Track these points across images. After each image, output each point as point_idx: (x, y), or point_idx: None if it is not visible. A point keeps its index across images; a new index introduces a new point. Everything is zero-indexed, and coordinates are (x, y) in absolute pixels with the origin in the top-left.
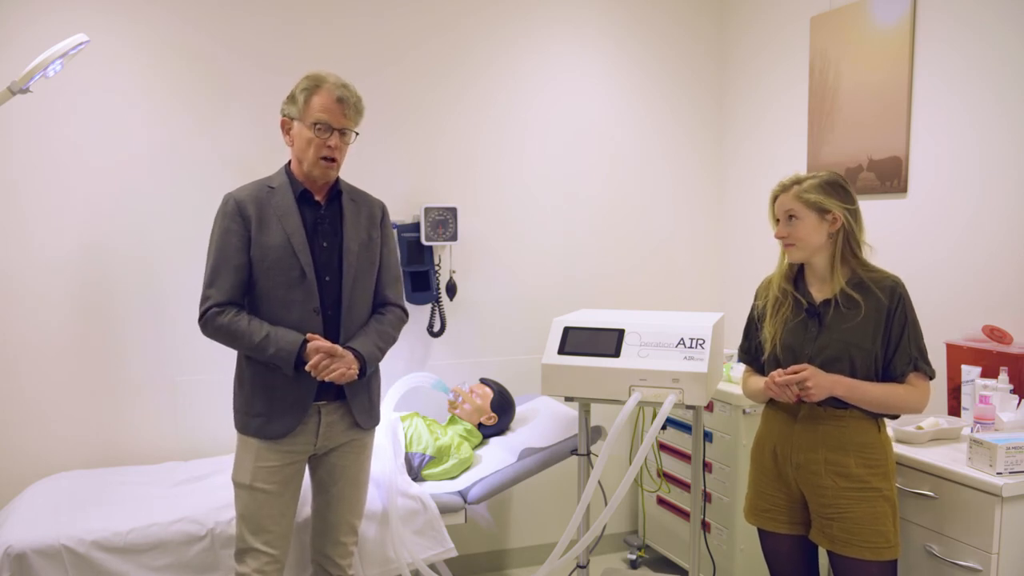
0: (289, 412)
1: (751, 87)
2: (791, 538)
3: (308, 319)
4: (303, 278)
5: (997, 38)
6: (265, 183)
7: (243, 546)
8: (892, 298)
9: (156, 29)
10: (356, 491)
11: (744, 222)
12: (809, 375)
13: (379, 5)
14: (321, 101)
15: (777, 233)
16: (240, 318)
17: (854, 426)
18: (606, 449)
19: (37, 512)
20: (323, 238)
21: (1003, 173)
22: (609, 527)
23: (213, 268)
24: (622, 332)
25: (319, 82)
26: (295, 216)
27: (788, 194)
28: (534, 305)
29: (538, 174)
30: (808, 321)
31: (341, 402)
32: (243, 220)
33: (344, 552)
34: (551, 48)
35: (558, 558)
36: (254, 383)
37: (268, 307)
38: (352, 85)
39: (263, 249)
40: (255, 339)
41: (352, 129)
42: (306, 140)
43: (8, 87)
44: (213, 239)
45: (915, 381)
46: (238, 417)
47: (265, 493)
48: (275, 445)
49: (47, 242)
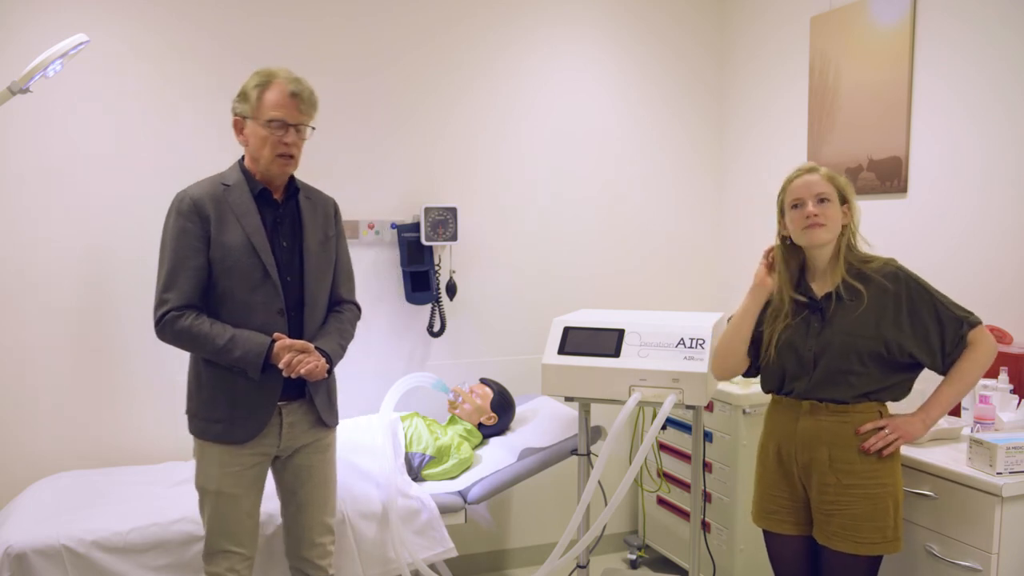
0: (252, 416)
1: (751, 87)
2: (797, 539)
3: (272, 321)
4: (266, 279)
5: (997, 38)
6: (219, 180)
7: (213, 548)
8: (897, 282)
9: (157, 29)
10: (326, 490)
11: (744, 222)
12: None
13: (379, 5)
14: (274, 97)
15: (809, 211)
16: (201, 321)
17: (859, 419)
18: (606, 449)
19: (37, 512)
20: (283, 237)
21: (1003, 173)
22: (609, 527)
23: (170, 270)
24: (622, 332)
25: (270, 77)
26: (254, 215)
27: (818, 175)
28: (534, 305)
29: (538, 174)
30: (810, 317)
31: (301, 401)
32: (201, 219)
33: (323, 552)
34: (551, 48)
35: (558, 558)
36: (214, 387)
37: (230, 309)
38: (305, 79)
39: (223, 249)
40: (219, 343)
41: (308, 124)
42: (261, 138)
43: (8, 87)
44: (167, 239)
45: (974, 337)
46: (196, 423)
47: (233, 496)
48: (239, 448)
49: (48, 243)
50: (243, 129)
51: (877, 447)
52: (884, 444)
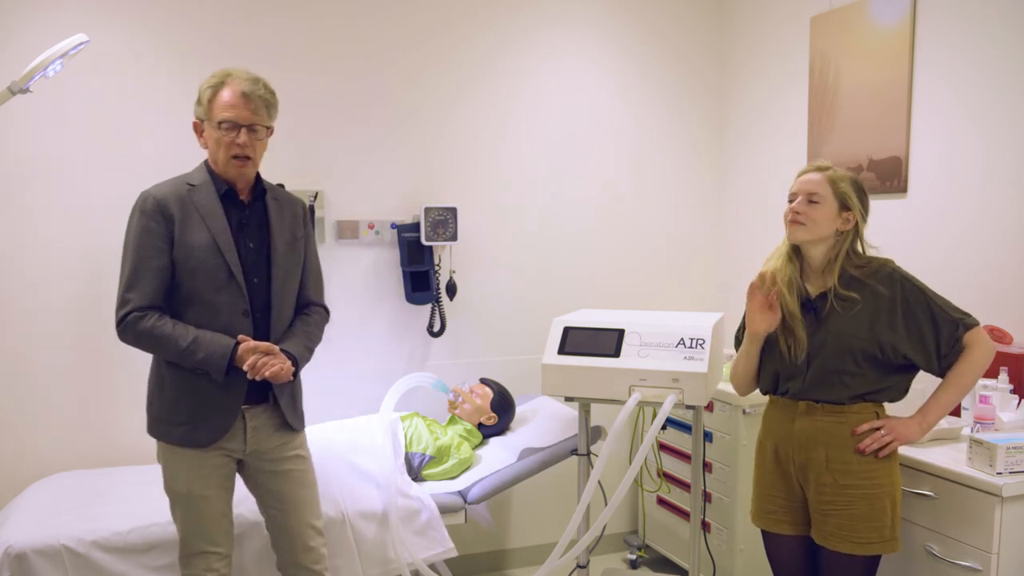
0: (215, 418)
1: (751, 87)
2: (795, 539)
3: (237, 322)
4: (231, 279)
5: (997, 38)
6: (184, 180)
7: (189, 551)
8: (892, 285)
9: (157, 29)
10: (309, 493)
11: (744, 222)
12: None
13: (379, 5)
14: (225, 98)
15: (793, 207)
16: (163, 323)
17: (854, 420)
18: (606, 449)
19: (37, 512)
20: (249, 238)
21: (1003, 173)
22: (609, 527)
23: (132, 270)
24: (622, 332)
25: (223, 79)
26: (220, 215)
27: (821, 175)
28: (534, 305)
29: (538, 174)
30: (805, 315)
31: (265, 405)
32: (165, 219)
33: (317, 556)
34: (551, 48)
35: (558, 558)
36: (177, 389)
37: (194, 311)
38: (263, 79)
39: (187, 250)
40: (181, 344)
41: (263, 124)
42: (215, 140)
43: (8, 87)
44: (130, 239)
45: (971, 339)
46: (158, 425)
47: (205, 498)
48: (203, 451)
49: (48, 243)
50: (202, 132)
51: (872, 448)
52: (879, 446)
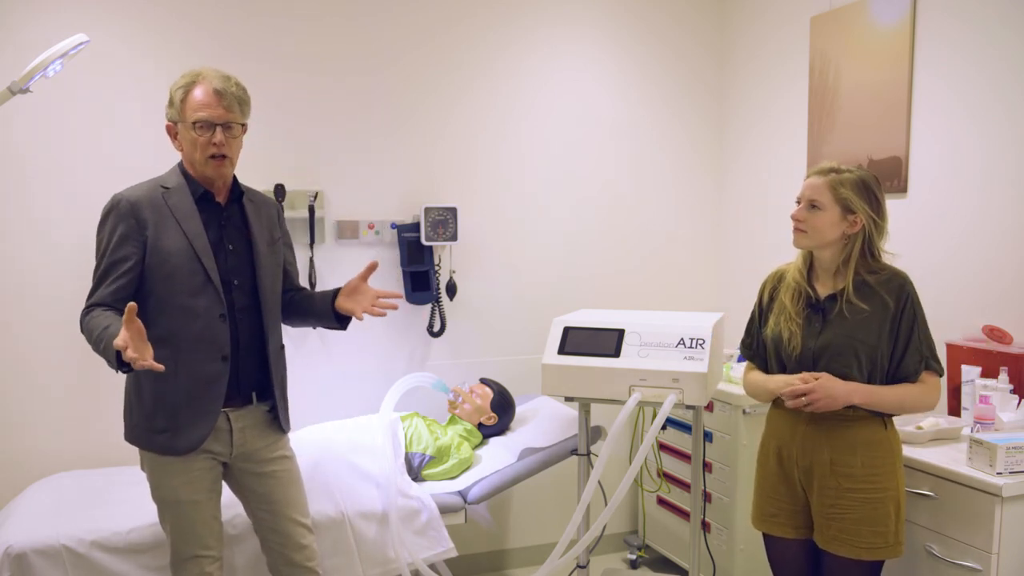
0: (194, 424)
1: (751, 87)
2: (797, 543)
3: (213, 326)
4: (207, 284)
5: (997, 38)
6: (158, 183)
7: (181, 556)
8: (899, 299)
9: (157, 29)
10: (297, 491)
11: (744, 222)
12: (814, 391)
13: (379, 5)
14: (198, 98)
15: (794, 215)
16: (93, 315)
17: (860, 425)
18: (606, 449)
19: (37, 512)
20: (229, 241)
21: (1003, 173)
22: (609, 527)
23: (102, 273)
24: (622, 332)
25: (194, 78)
26: (195, 219)
27: (823, 180)
28: (534, 305)
29: (538, 174)
30: (812, 316)
31: (250, 407)
32: (138, 223)
33: (310, 554)
34: (551, 48)
35: (558, 558)
36: (155, 395)
37: (170, 316)
38: (234, 77)
39: (161, 255)
40: (95, 334)
41: (237, 122)
42: (191, 142)
43: (8, 87)
44: (101, 242)
45: (926, 379)
46: (137, 432)
47: (194, 503)
48: (189, 457)
49: (48, 243)
50: (176, 134)
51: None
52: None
